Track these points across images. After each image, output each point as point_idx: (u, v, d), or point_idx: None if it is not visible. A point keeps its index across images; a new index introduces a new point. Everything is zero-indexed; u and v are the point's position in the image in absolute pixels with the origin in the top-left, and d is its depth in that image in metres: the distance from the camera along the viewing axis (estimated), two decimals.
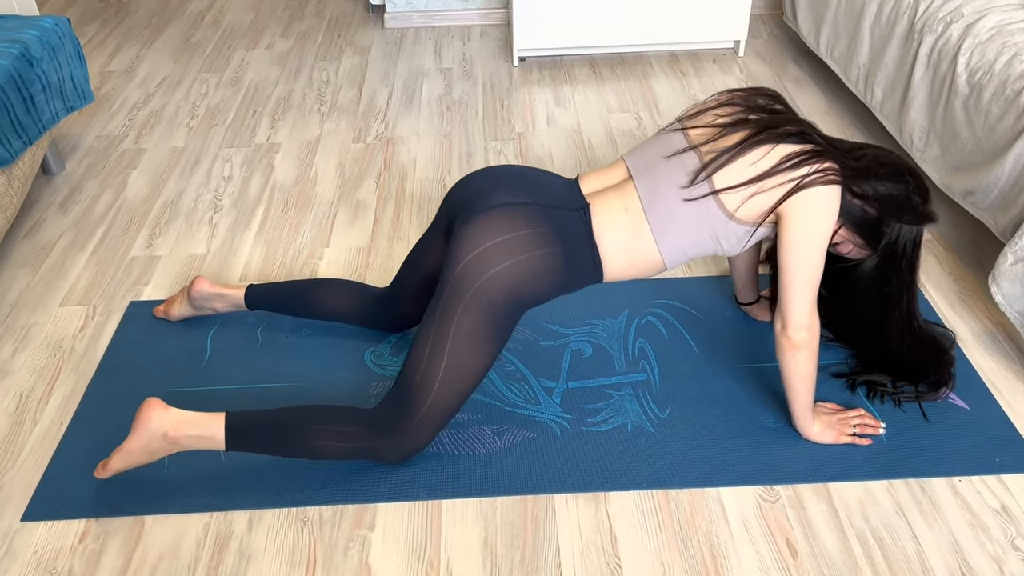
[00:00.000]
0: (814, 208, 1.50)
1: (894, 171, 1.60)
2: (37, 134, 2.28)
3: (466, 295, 1.50)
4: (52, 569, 1.50)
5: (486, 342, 1.53)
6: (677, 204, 1.54)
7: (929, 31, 2.27)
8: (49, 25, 2.40)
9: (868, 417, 1.69)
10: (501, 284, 1.50)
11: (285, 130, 2.85)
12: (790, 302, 1.54)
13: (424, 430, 1.56)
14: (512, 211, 1.53)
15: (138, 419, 1.55)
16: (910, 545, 1.50)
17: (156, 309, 2.03)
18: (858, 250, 1.65)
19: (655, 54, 3.32)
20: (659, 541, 1.52)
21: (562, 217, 1.56)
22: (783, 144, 1.52)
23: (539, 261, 1.52)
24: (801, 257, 1.51)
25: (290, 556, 1.51)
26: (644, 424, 1.73)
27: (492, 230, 1.51)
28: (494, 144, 2.74)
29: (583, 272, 1.58)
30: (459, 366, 1.52)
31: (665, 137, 1.64)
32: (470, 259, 1.50)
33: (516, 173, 1.64)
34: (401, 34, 3.57)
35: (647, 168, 1.60)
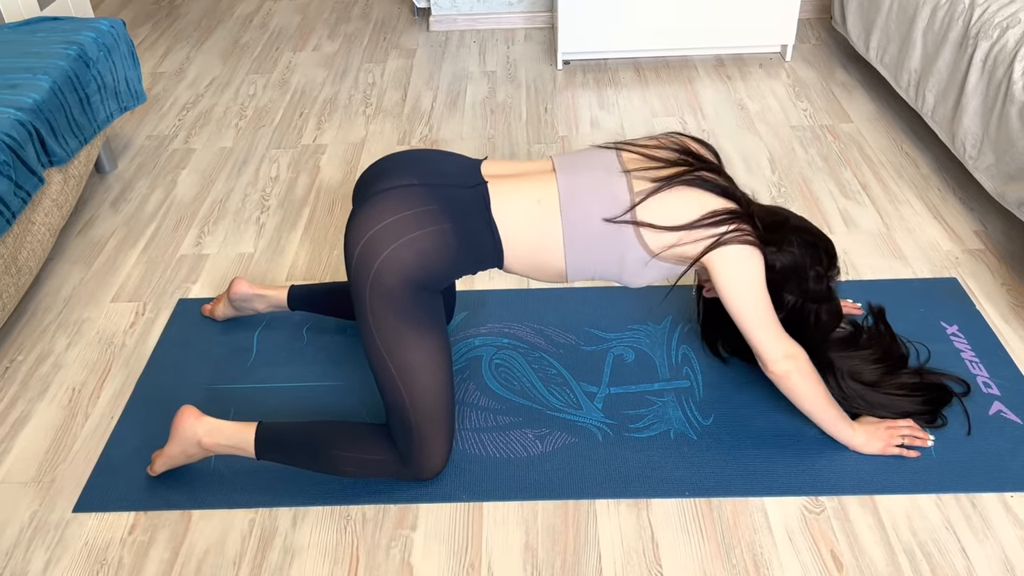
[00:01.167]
0: (737, 259, 1.51)
1: (807, 241, 1.62)
2: (92, 133, 2.34)
3: (365, 292, 1.47)
4: (103, 560, 1.53)
5: (413, 336, 1.48)
6: (595, 219, 1.52)
7: (984, 36, 2.22)
8: (105, 27, 2.45)
9: (916, 428, 1.66)
10: (391, 269, 1.46)
11: (331, 131, 2.88)
12: (756, 342, 1.55)
13: (432, 441, 1.54)
14: (395, 194, 1.51)
15: (174, 427, 1.61)
16: (959, 560, 1.47)
17: (204, 307, 2.06)
18: None
19: (700, 58, 3.30)
20: (702, 549, 1.51)
21: (453, 194, 1.52)
22: (709, 195, 1.53)
23: (425, 240, 1.47)
24: (742, 301, 1.53)
25: (333, 553, 1.52)
26: (687, 431, 1.72)
27: (375, 217, 1.48)
28: (537, 147, 2.74)
29: (480, 249, 1.53)
30: (408, 369, 1.49)
31: (598, 152, 1.62)
32: (359, 252, 1.47)
33: (407, 157, 1.62)
34: (446, 37, 3.59)
35: (574, 169, 1.57)
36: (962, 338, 1.91)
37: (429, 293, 1.52)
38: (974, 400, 1.75)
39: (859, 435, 1.63)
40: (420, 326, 1.49)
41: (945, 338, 1.91)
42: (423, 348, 1.50)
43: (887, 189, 2.46)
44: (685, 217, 1.51)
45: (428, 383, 1.51)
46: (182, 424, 1.60)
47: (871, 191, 2.45)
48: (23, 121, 2.00)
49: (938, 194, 2.43)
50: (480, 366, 1.89)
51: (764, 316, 1.53)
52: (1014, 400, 1.75)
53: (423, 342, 1.50)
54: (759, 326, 1.54)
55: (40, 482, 1.68)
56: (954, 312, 1.99)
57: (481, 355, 1.92)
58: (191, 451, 1.61)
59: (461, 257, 1.52)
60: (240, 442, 1.60)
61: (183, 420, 1.61)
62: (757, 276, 1.53)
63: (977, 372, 1.82)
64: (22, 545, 1.56)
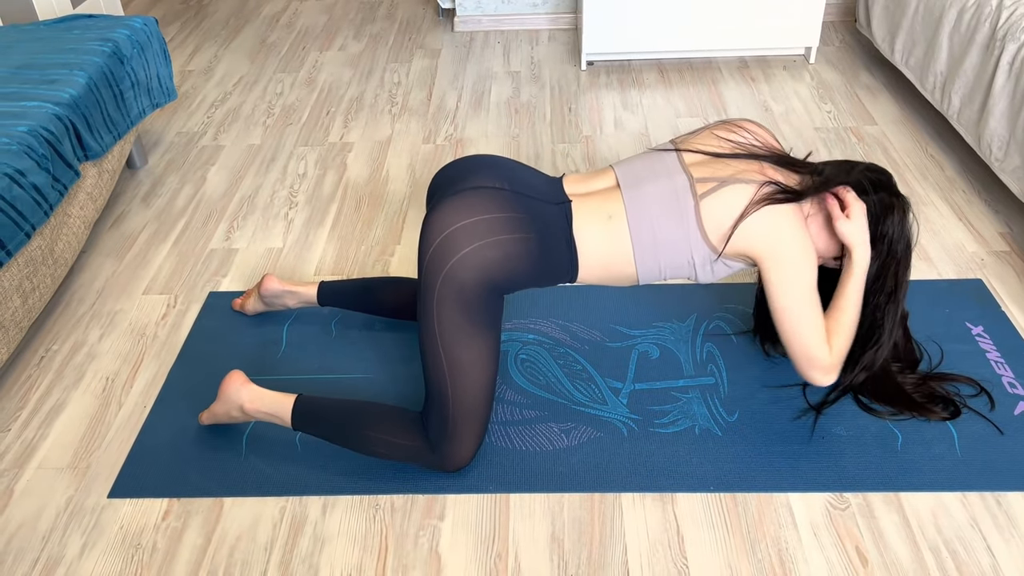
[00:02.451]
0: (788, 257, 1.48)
1: (875, 172, 1.60)
2: (125, 129, 2.38)
3: (437, 282, 1.48)
4: (137, 544, 1.56)
5: (472, 334, 1.51)
6: (661, 223, 1.53)
7: (1012, 39, 2.23)
8: (139, 25, 2.50)
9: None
10: (471, 265, 1.47)
11: (357, 130, 2.91)
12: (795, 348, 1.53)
13: (465, 436, 1.56)
14: (485, 194, 1.52)
15: (222, 389, 1.69)
16: (984, 558, 1.47)
17: (234, 302, 2.10)
18: None
19: (724, 60, 3.31)
20: (727, 544, 1.52)
21: (540, 208, 1.55)
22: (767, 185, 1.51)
23: (511, 245, 1.49)
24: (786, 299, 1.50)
25: (363, 542, 1.55)
26: (712, 427, 1.73)
27: (463, 212, 1.49)
28: (561, 147, 2.77)
29: (558, 266, 1.56)
30: (459, 364, 1.51)
31: (658, 156, 1.62)
32: (439, 241, 1.48)
33: (496, 162, 1.63)
34: (470, 37, 3.61)
35: (636, 182, 1.58)
36: (987, 339, 1.92)
37: (498, 296, 1.54)
38: (999, 400, 1.76)
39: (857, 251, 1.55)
40: (481, 325, 1.52)
41: (971, 339, 1.92)
42: (478, 347, 1.52)
43: (912, 191, 2.46)
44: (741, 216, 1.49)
45: (474, 381, 1.53)
46: (229, 388, 1.68)
47: None
48: (60, 116, 2.04)
49: (963, 196, 2.43)
50: (507, 361, 1.92)
51: (810, 318, 1.50)
52: None
53: (479, 341, 1.52)
54: (805, 326, 1.51)
55: (76, 468, 1.71)
56: (979, 313, 1.99)
57: (507, 350, 1.95)
58: (234, 413, 1.68)
59: (539, 269, 1.54)
60: (279, 410, 1.64)
61: (230, 384, 1.68)
62: (807, 277, 1.49)
63: (1003, 372, 1.83)
64: (59, 529, 1.59)
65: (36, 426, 1.81)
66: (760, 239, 1.49)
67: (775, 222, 1.48)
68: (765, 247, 1.49)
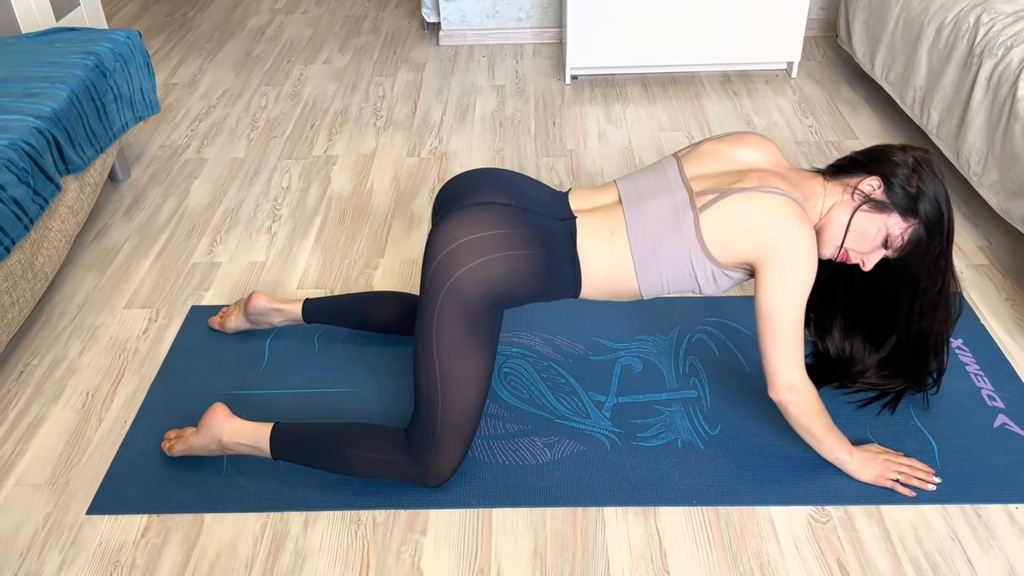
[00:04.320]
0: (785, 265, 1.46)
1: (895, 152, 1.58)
2: (108, 142, 2.37)
3: (440, 294, 1.48)
4: (116, 561, 1.55)
5: (470, 348, 1.51)
6: (662, 239, 1.53)
7: (989, 55, 2.26)
8: (122, 38, 2.49)
9: (920, 468, 1.63)
10: (474, 280, 1.47)
11: (342, 143, 2.91)
12: (769, 360, 1.51)
13: (448, 450, 1.56)
14: (492, 209, 1.53)
15: (204, 422, 1.67)
16: (964, 570, 1.48)
17: (211, 320, 2.07)
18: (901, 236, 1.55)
19: (707, 74, 3.34)
20: (709, 557, 1.52)
21: (545, 224, 1.55)
22: (769, 195, 1.48)
23: (515, 261, 1.50)
24: (774, 310, 1.47)
25: (344, 557, 1.54)
26: (694, 441, 1.74)
27: (469, 227, 1.50)
28: (546, 160, 2.78)
29: (562, 282, 1.56)
30: (453, 378, 1.51)
31: (659, 168, 1.63)
32: (445, 254, 1.48)
33: (502, 176, 1.64)
34: (455, 51, 3.63)
35: (638, 197, 1.58)
36: (967, 352, 1.93)
37: (499, 310, 1.54)
38: (979, 413, 1.77)
39: (855, 461, 1.62)
40: (480, 339, 1.52)
41: (951, 352, 1.93)
42: (474, 361, 1.52)
43: None
44: (748, 223, 1.47)
45: (465, 396, 1.53)
46: (212, 421, 1.66)
47: None
48: (41, 129, 2.03)
49: None
50: None
51: (792, 332, 1.49)
52: (1019, 413, 1.77)
53: (476, 355, 1.52)
54: (781, 342, 1.49)
55: (54, 484, 1.69)
56: (959, 326, 2.00)
57: None
58: (212, 447, 1.67)
59: (543, 285, 1.54)
60: (257, 441, 1.63)
61: (214, 417, 1.66)
62: (803, 288, 1.48)
63: (982, 385, 1.84)
64: (36, 546, 1.58)
65: (14, 442, 1.79)
66: (766, 241, 1.46)
67: (781, 224, 1.46)
68: (769, 248, 1.46)
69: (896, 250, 1.55)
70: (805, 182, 1.58)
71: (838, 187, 1.57)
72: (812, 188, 1.58)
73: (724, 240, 1.50)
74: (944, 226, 1.53)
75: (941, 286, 1.58)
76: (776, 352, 1.51)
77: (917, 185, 1.51)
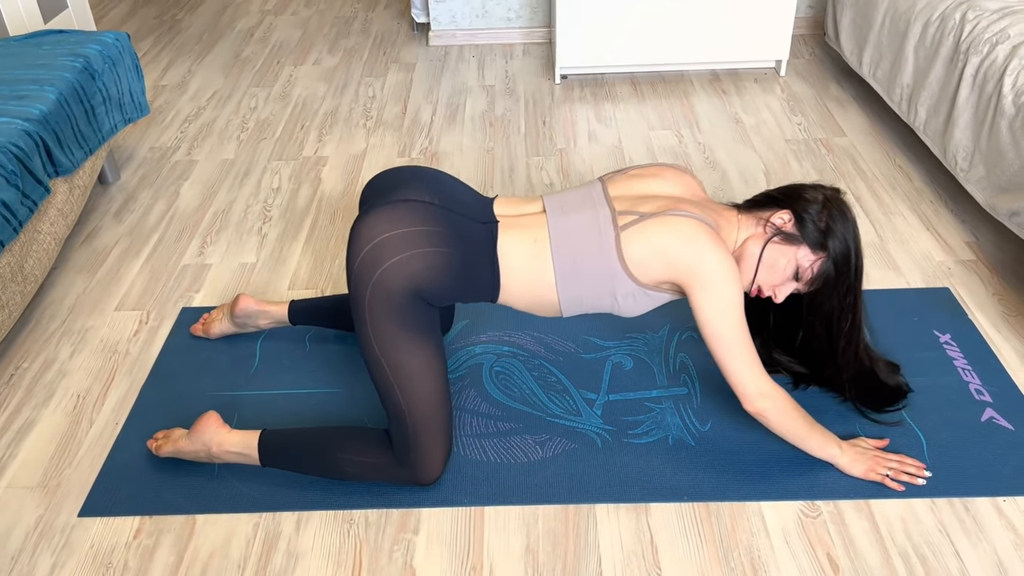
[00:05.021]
0: (712, 283, 1.49)
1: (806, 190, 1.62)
2: (97, 145, 2.36)
3: (367, 292, 1.49)
4: (108, 563, 1.55)
5: (411, 340, 1.52)
6: (583, 255, 1.56)
7: (975, 52, 2.27)
8: (110, 40, 2.49)
9: (910, 463, 1.65)
10: (397, 275, 1.49)
11: (332, 144, 2.92)
12: (730, 375, 1.54)
13: (429, 445, 1.56)
14: (413, 207, 1.54)
15: (195, 428, 1.67)
16: (953, 563, 1.49)
17: (193, 328, 2.04)
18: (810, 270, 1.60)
19: (696, 73, 3.35)
20: (700, 553, 1.53)
21: (465, 224, 1.57)
22: (688, 220, 1.53)
23: (433, 258, 1.51)
24: (718, 328, 1.50)
25: (336, 557, 1.54)
26: (685, 437, 1.74)
27: (389, 223, 1.51)
28: (536, 159, 2.78)
29: (479, 284, 1.58)
30: (404, 371, 1.52)
31: (585, 188, 1.67)
32: (367, 251, 1.50)
33: (428, 175, 1.66)
34: (445, 51, 3.63)
35: (563, 210, 1.61)
36: (955, 347, 1.95)
37: (426, 304, 1.55)
38: (967, 407, 1.78)
39: (845, 456, 1.63)
40: (416, 331, 1.53)
41: (938, 346, 1.94)
42: (418, 353, 1.53)
43: (881, 201, 2.50)
44: (665, 247, 1.52)
45: (424, 387, 1.53)
46: (205, 429, 1.66)
47: (865, 203, 2.49)
48: (30, 131, 2.02)
49: (931, 206, 2.47)
50: (481, 373, 1.92)
51: (741, 346, 1.52)
52: (1006, 407, 1.78)
53: (418, 347, 1.53)
54: (735, 357, 1.52)
55: (46, 487, 1.69)
56: (947, 321, 2.02)
57: (482, 362, 1.95)
58: (200, 454, 1.67)
59: (461, 284, 1.56)
60: (245, 448, 1.64)
61: (207, 425, 1.66)
62: (735, 302, 1.51)
63: (970, 380, 1.85)
64: (28, 549, 1.57)
65: (5, 445, 1.79)
66: (683, 264, 1.51)
67: (696, 246, 1.50)
68: (689, 272, 1.51)
69: (806, 283, 1.59)
70: (721, 213, 1.63)
71: (751, 220, 1.62)
72: (727, 219, 1.63)
73: (645, 261, 1.54)
74: (852, 262, 1.57)
75: (852, 322, 1.61)
76: (734, 365, 1.53)
77: (826, 221, 1.56)
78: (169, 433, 1.72)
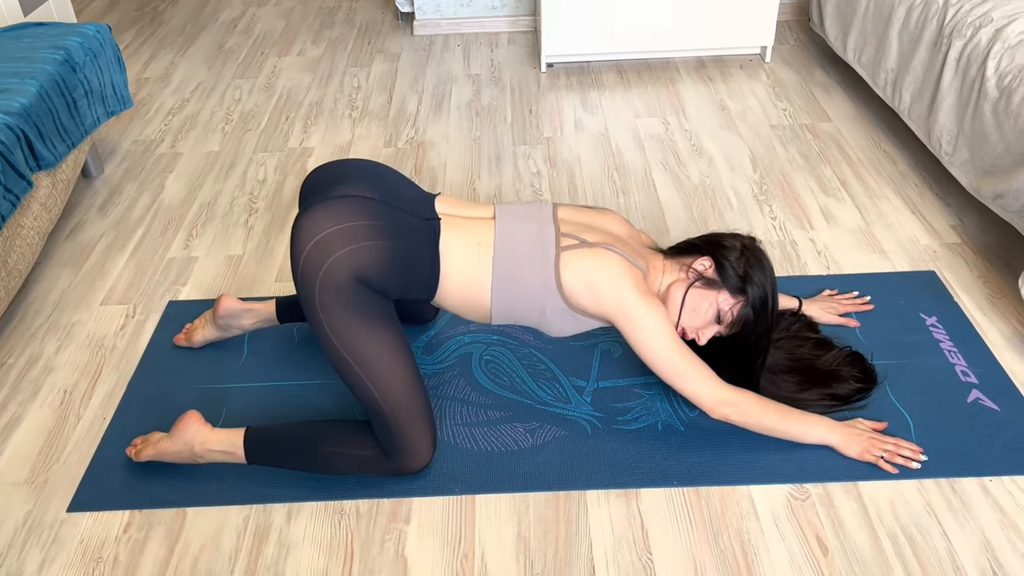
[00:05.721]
0: (639, 317, 1.55)
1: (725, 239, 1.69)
2: (80, 138, 2.34)
3: (315, 289, 1.49)
4: (98, 558, 1.54)
5: (366, 327, 1.52)
6: (522, 263, 1.59)
7: (958, 36, 2.28)
8: (91, 32, 2.46)
9: (906, 447, 1.65)
10: (345, 266, 1.49)
11: (317, 135, 2.90)
12: (687, 394, 1.60)
13: (411, 432, 1.56)
14: (353, 202, 1.55)
15: (177, 427, 1.65)
16: (941, 543, 1.51)
17: (176, 338, 2.00)
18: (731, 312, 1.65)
19: (682, 60, 3.35)
20: (690, 537, 1.54)
21: (406, 220, 1.58)
22: (621, 259, 1.59)
23: (377, 251, 1.52)
24: (655, 355, 1.57)
25: (328, 547, 1.54)
26: (674, 423, 1.75)
27: (331, 219, 1.51)
28: (523, 148, 2.78)
29: (418, 278, 1.59)
30: (368, 360, 1.52)
31: (536, 204, 1.72)
32: (312, 245, 1.49)
33: (368, 169, 1.67)
34: (430, 41, 3.61)
35: (511, 219, 1.65)
36: (941, 329, 1.96)
37: (376, 294, 1.55)
38: (953, 388, 1.80)
39: (837, 436, 1.65)
40: (371, 319, 1.53)
41: (924, 329, 1.96)
42: (378, 338, 1.53)
43: (866, 186, 2.51)
44: (595, 282, 1.58)
45: (389, 372, 1.53)
46: (186, 429, 1.64)
47: (850, 188, 2.50)
48: (11, 125, 2.00)
49: (916, 190, 2.48)
50: (471, 362, 1.92)
51: (684, 366, 1.58)
52: (991, 388, 1.80)
53: (375, 333, 1.53)
54: (683, 377, 1.58)
55: (34, 483, 1.68)
56: (933, 304, 2.03)
57: (471, 352, 1.95)
58: (183, 455, 1.65)
59: (400, 278, 1.56)
60: (230, 446, 1.63)
61: (188, 424, 1.64)
62: (662, 326, 1.57)
63: (956, 361, 1.87)
64: (16, 546, 1.57)
65: None
66: (610, 301, 1.57)
67: (624, 287, 1.56)
68: (615, 308, 1.57)
69: (727, 326, 1.66)
70: (650, 257, 1.70)
71: (675, 265, 1.69)
72: (654, 265, 1.70)
73: (576, 289, 1.59)
74: (768, 307, 1.63)
75: (763, 360, 1.68)
76: (685, 384, 1.59)
77: (745, 268, 1.62)
78: (147, 437, 1.69)
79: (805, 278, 2.14)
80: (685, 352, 1.58)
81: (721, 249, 1.65)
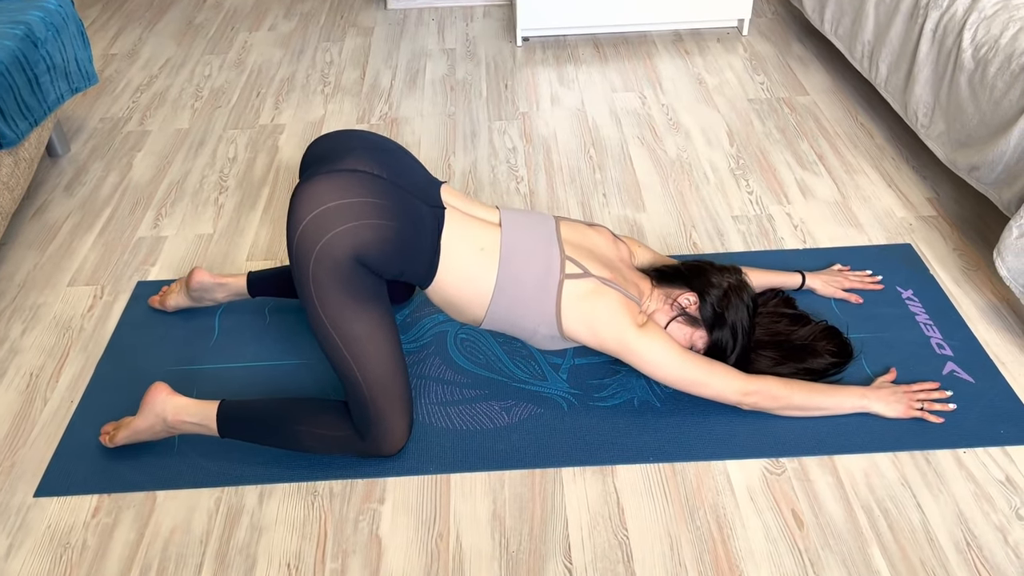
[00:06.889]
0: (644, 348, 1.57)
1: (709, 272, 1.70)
2: (42, 115, 2.29)
3: (310, 262, 1.45)
4: (66, 543, 1.51)
5: (357, 308, 1.48)
6: (525, 284, 1.58)
7: (934, 6, 2.26)
8: (53, 6, 2.40)
9: (928, 387, 1.70)
10: (341, 244, 1.44)
11: (289, 111, 2.85)
12: (710, 397, 1.62)
13: (389, 415, 1.54)
14: (361, 178, 1.50)
15: (145, 402, 1.62)
16: (915, 515, 1.51)
17: (151, 300, 2.00)
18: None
19: (659, 34, 3.31)
20: (666, 513, 1.53)
21: (413, 204, 1.54)
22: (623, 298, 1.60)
23: (380, 230, 1.47)
24: (670, 375, 1.59)
25: (301, 529, 1.52)
26: (650, 399, 1.74)
27: (335, 192, 1.46)
28: (498, 124, 2.74)
29: (417, 264, 1.55)
30: (355, 340, 1.49)
31: (540, 219, 1.69)
32: (312, 217, 1.45)
33: (377, 144, 1.62)
34: (404, 15, 3.56)
35: (519, 233, 1.63)
36: (917, 302, 1.96)
37: (372, 274, 1.51)
38: (928, 361, 1.80)
39: (875, 402, 1.66)
40: (363, 298, 1.49)
41: (900, 302, 1.96)
42: (368, 319, 1.50)
43: (843, 159, 2.50)
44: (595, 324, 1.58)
45: (377, 355, 1.51)
46: (154, 400, 1.61)
47: (827, 161, 2.49)
48: None
49: (892, 163, 2.47)
50: (446, 341, 1.90)
51: (700, 375, 1.59)
52: (966, 360, 1.80)
53: (367, 314, 1.50)
54: (702, 385, 1.60)
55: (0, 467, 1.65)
56: (909, 277, 2.03)
57: (446, 330, 1.93)
58: (157, 428, 1.62)
59: (400, 260, 1.52)
60: (204, 419, 1.60)
61: (155, 396, 1.61)
62: (666, 345, 1.58)
63: (931, 334, 1.87)
64: None
65: None
66: (611, 341, 1.58)
67: (622, 326, 1.57)
68: (617, 346, 1.58)
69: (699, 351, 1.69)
70: (639, 282, 1.71)
71: (661, 295, 1.69)
72: (643, 289, 1.70)
73: (574, 324, 1.59)
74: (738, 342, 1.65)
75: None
76: (706, 390, 1.62)
77: (723, 309, 1.64)
78: (118, 423, 1.66)
79: (781, 252, 2.13)
80: (695, 361, 1.59)
81: (707, 285, 1.66)
